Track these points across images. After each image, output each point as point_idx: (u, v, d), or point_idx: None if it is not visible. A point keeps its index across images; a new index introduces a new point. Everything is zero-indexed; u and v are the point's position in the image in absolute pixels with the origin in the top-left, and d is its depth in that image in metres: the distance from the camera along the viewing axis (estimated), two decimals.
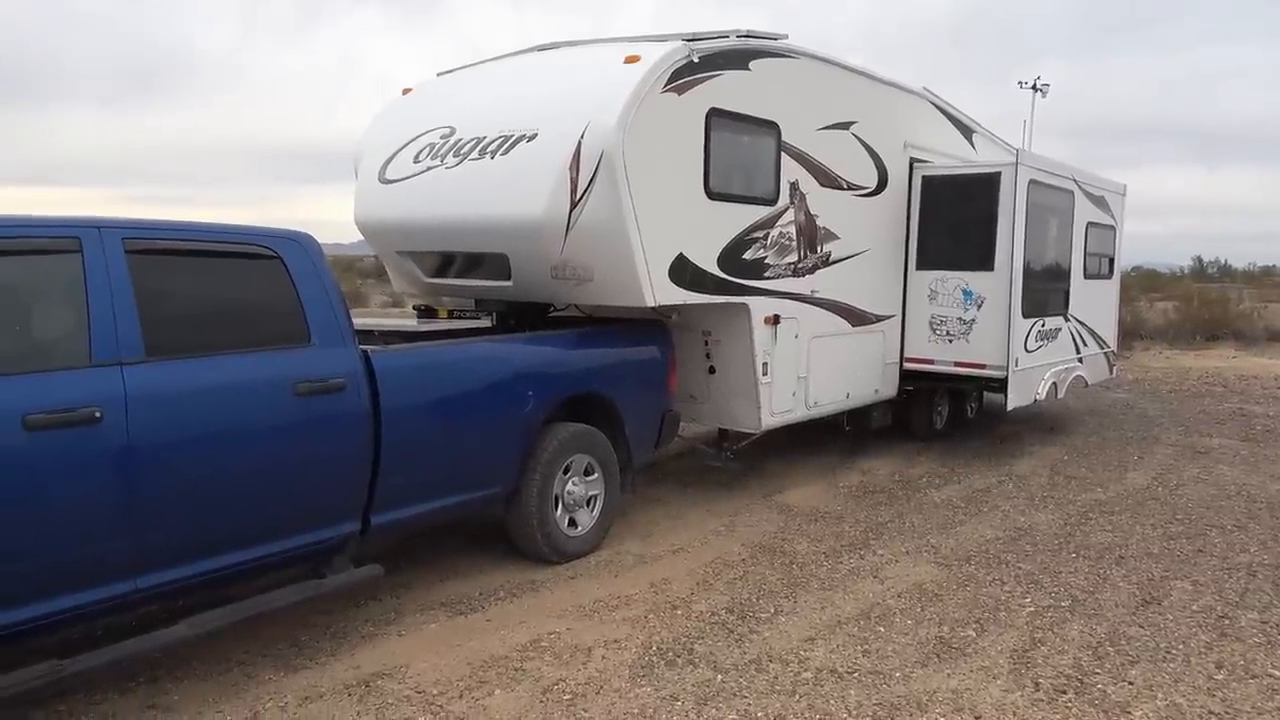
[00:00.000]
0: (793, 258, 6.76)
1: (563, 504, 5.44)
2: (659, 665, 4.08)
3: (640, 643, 4.32)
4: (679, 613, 4.69)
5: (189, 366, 3.65)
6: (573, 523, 5.53)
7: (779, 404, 6.82)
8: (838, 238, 7.24)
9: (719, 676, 3.97)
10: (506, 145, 5.60)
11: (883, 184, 7.77)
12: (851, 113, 7.29)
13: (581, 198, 5.32)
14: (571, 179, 5.32)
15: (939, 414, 9.26)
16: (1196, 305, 22.59)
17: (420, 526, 4.83)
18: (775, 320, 6.62)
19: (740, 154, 6.24)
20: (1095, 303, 9.78)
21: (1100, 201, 9.64)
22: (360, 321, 5.48)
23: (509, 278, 5.84)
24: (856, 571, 5.36)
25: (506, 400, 4.95)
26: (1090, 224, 9.40)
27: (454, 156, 5.81)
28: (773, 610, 4.73)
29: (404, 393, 4.40)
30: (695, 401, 6.89)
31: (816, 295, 7.07)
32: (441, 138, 5.97)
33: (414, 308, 5.94)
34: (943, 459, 8.42)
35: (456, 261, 6.16)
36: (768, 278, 6.53)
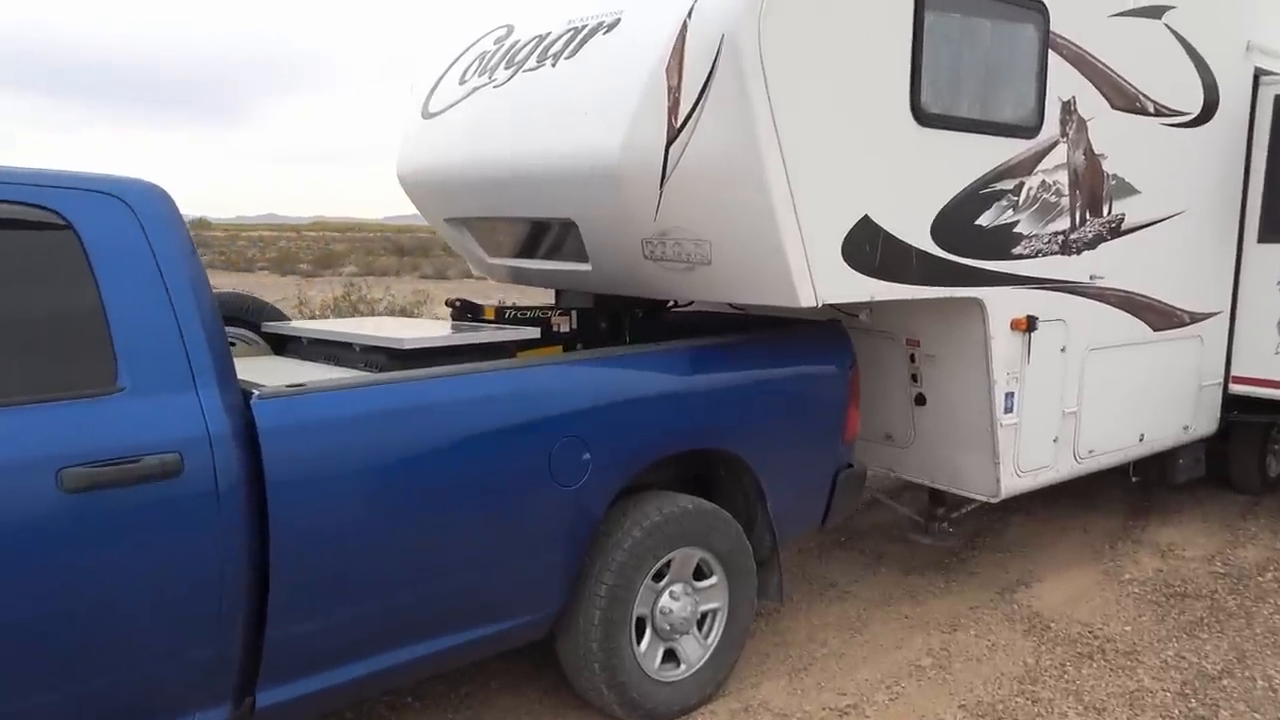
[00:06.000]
0: (1061, 224, 4.19)
1: (653, 630, 3.31)
2: None
3: None
4: None
5: None
6: (671, 657, 3.39)
7: (1030, 457, 4.31)
8: (1136, 191, 4.56)
9: None
10: (575, 42, 3.47)
11: (1211, 107, 4.94)
12: None
13: (687, 121, 3.10)
14: (671, 90, 3.12)
15: (1274, 456, 6.25)
16: None
17: (375, 690, 2.84)
18: (1028, 325, 4.11)
19: (976, 51, 3.75)
20: None
21: None
22: (345, 329, 3.57)
23: (587, 258, 3.72)
24: None
25: (538, 468, 2.86)
26: None
27: (505, 68, 3.75)
28: None
29: (317, 468, 2.42)
30: (893, 445, 4.52)
31: (1098, 283, 4.45)
32: (495, 43, 3.92)
33: (447, 304, 4.01)
34: None
35: (526, 234, 4.11)
36: (1018, 256, 4.03)
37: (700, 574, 3.43)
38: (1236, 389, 5.50)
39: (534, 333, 3.46)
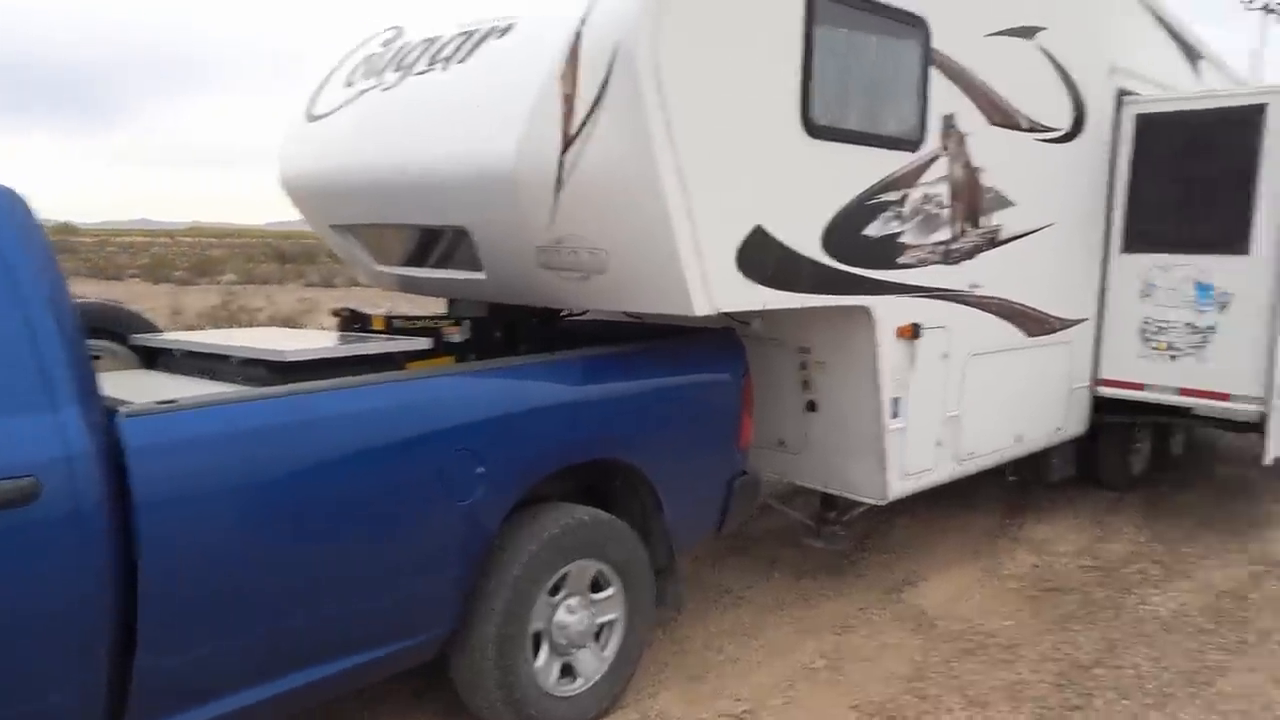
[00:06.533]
0: (943, 234, 4.34)
1: (550, 644, 3.25)
2: None
3: None
4: None
5: None
6: (568, 672, 3.34)
7: (915, 459, 4.45)
8: (1011, 204, 4.77)
9: None
10: (467, 47, 3.40)
11: (1079, 124, 5.22)
12: (1038, 13, 4.78)
13: (582, 129, 3.08)
14: (565, 97, 3.09)
15: (1136, 454, 6.63)
16: None
17: None
18: (914, 332, 4.24)
19: (864, 65, 3.85)
20: None
21: None
22: (222, 340, 3.39)
23: (480, 266, 3.65)
24: None
25: (429, 483, 2.77)
26: None
27: (394, 71, 3.65)
28: None
29: (190, 490, 2.28)
30: (786, 450, 4.59)
31: (978, 292, 4.63)
32: (384, 45, 3.81)
33: (334, 313, 3.87)
34: (1151, 526, 5.82)
35: (416, 242, 4.00)
36: (903, 265, 4.15)
37: (597, 586, 3.40)
38: (1103, 391, 5.81)
39: (425, 343, 3.37)
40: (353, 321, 3.74)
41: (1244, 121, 5.18)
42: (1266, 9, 26.22)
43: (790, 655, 3.98)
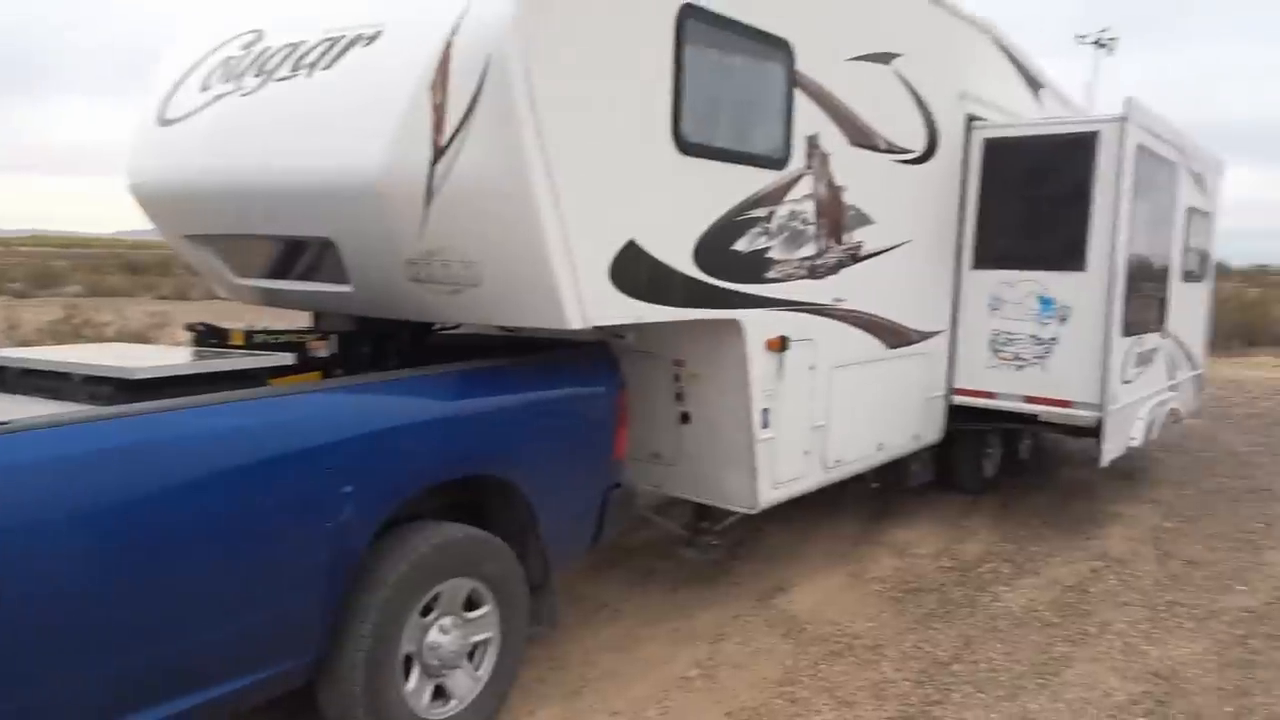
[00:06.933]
0: (808, 250, 4.49)
1: (421, 666, 3.17)
2: None
3: None
4: None
5: None
6: (441, 694, 3.27)
7: (785, 468, 4.57)
8: (871, 221, 4.97)
9: None
10: (332, 53, 3.30)
11: (932, 147, 5.50)
12: (894, 40, 5.02)
13: (453, 139, 3.04)
14: (435, 108, 3.04)
15: (989, 459, 7.00)
16: (1234, 308, 20.30)
17: None
18: (782, 344, 4.36)
19: (731, 84, 3.95)
20: (1190, 312, 7.56)
21: (1200, 180, 7.40)
22: (64, 356, 3.18)
23: (347, 279, 3.54)
24: None
25: (292, 504, 2.67)
26: (1191, 209, 7.16)
27: (255, 76, 3.51)
28: None
29: (26, 520, 2.12)
30: (660, 462, 4.63)
31: (841, 305, 4.80)
32: (243, 49, 3.66)
33: (188, 328, 3.69)
34: (1002, 527, 6.16)
35: (279, 254, 3.85)
36: (771, 280, 4.27)
37: (471, 604, 3.34)
38: (958, 400, 6.11)
39: (288, 358, 3.24)
40: (209, 336, 3.56)
41: (1080, 147, 5.58)
42: (1098, 44, 28.52)
43: (666, 666, 4.01)
